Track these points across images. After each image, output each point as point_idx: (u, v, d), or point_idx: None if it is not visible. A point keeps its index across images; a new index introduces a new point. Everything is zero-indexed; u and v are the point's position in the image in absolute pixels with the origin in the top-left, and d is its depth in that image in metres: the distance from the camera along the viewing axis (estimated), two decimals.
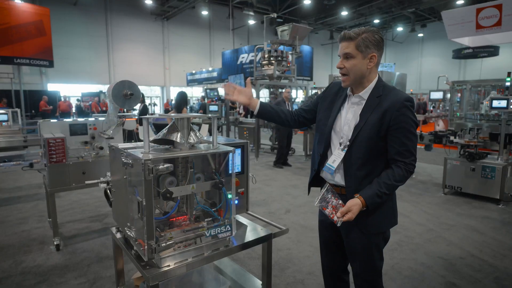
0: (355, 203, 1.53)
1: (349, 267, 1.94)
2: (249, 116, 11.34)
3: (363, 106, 1.61)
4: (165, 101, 23.60)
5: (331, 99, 1.78)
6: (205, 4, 22.48)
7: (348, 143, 1.62)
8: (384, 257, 1.78)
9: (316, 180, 1.84)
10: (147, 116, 1.57)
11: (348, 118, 1.66)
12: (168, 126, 1.68)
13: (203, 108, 10.89)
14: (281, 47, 9.33)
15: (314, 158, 1.84)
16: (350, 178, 1.63)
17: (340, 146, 1.65)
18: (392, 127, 1.54)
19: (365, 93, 1.62)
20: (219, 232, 1.69)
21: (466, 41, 7.57)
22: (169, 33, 23.34)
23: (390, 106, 1.54)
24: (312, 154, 1.89)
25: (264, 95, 18.84)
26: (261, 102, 1.87)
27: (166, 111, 19.47)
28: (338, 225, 1.56)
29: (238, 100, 1.85)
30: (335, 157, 1.67)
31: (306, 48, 18.19)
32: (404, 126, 1.53)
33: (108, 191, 1.97)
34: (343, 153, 1.63)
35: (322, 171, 1.77)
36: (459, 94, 10.03)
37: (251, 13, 21.51)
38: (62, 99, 16.77)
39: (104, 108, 15.83)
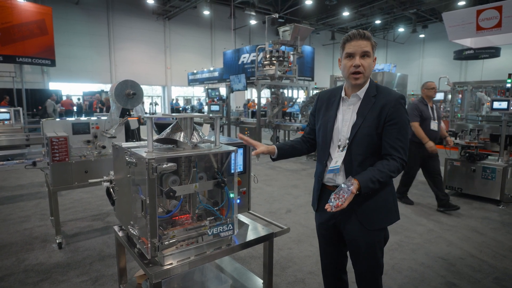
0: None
1: (348, 268, 1.96)
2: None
3: (359, 105, 1.66)
4: (166, 101, 23.66)
5: (326, 106, 1.79)
6: (207, 4, 22.50)
7: (347, 141, 1.64)
8: (384, 257, 1.80)
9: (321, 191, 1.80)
10: (151, 115, 1.59)
11: (346, 119, 1.69)
12: (171, 125, 1.71)
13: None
14: (283, 47, 9.35)
15: (318, 168, 1.81)
16: (351, 175, 1.62)
17: (339, 148, 1.67)
18: (388, 123, 1.60)
19: (362, 92, 1.68)
20: (221, 231, 1.71)
21: (468, 42, 7.58)
22: (170, 32, 23.36)
23: (386, 103, 1.61)
24: (317, 164, 1.84)
25: (265, 95, 18.88)
26: (277, 146, 1.87)
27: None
28: (329, 210, 1.48)
29: (258, 150, 1.82)
30: (337, 159, 1.67)
31: (307, 48, 18.15)
32: (399, 122, 1.60)
33: (111, 189, 1.99)
34: (343, 153, 1.64)
35: (324, 177, 1.75)
36: (460, 95, 10.05)
37: (253, 13, 21.51)
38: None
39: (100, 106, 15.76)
